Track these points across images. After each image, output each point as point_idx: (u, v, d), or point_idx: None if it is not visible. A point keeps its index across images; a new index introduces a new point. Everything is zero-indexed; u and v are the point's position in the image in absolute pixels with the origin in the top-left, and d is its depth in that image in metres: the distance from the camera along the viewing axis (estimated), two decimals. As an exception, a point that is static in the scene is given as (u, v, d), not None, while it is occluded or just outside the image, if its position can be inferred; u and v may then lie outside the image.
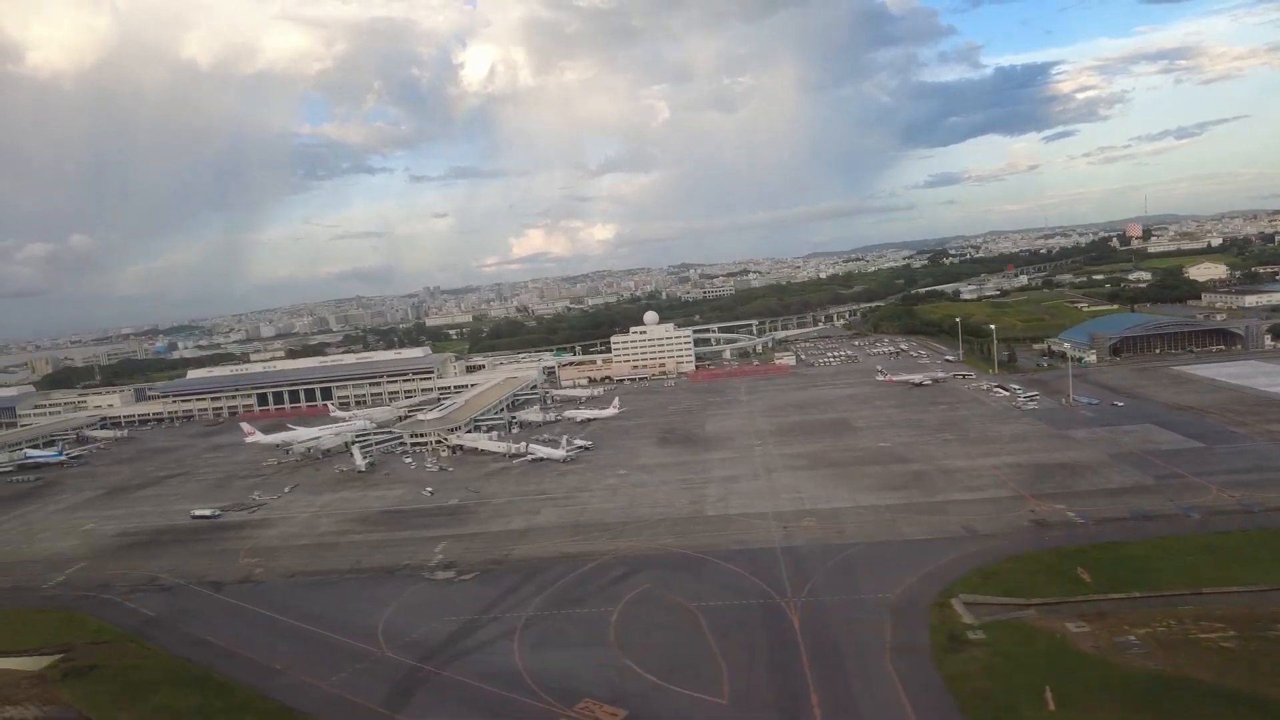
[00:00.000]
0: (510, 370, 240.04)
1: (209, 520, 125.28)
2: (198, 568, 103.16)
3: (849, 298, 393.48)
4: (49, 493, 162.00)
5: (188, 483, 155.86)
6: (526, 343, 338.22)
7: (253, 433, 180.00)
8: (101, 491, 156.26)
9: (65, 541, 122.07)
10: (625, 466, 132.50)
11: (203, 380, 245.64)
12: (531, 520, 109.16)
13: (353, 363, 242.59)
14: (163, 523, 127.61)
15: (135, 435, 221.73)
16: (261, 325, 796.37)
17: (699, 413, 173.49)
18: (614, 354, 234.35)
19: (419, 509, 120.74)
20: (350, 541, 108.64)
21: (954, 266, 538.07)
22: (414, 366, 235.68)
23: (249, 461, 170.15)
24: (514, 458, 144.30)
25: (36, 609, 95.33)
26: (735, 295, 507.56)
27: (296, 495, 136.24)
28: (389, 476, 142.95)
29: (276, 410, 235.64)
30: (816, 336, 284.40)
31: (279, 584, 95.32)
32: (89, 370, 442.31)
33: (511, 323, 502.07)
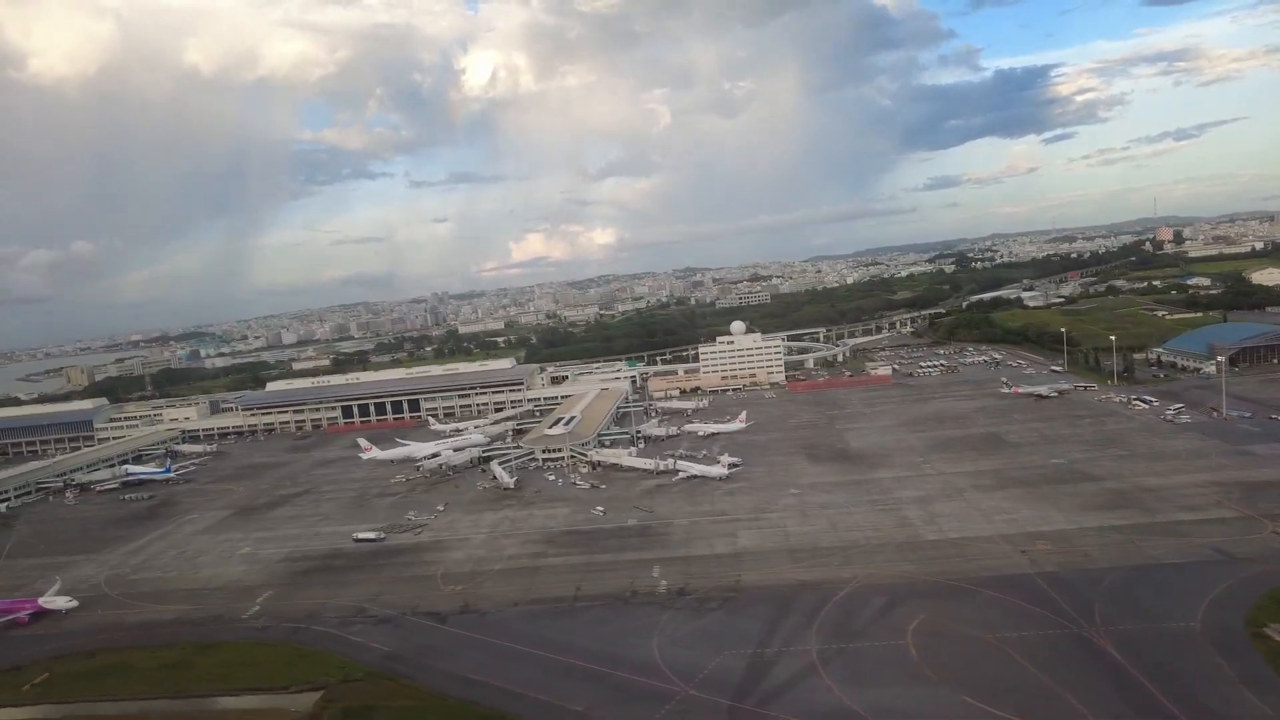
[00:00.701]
0: (595, 381, 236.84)
1: (373, 543, 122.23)
2: (402, 597, 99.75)
3: (900, 304, 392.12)
4: (170, 512, 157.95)
5: (321, 502, 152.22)
6: (584, 352, 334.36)
7: (369, 448, 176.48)
8: (231, 511, 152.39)
9: (232, 567, 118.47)
10: (793, 485, 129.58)
11: (284, 393, 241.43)
12: (735, 544, 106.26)
13: (439, 374, 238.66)
14: (325, 546, 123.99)
15: (223, 450, 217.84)
16: (283, 332, 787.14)
17: (826, 427, 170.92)
18: (702, 364, 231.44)
19: (600, 530, 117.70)
20: (551, 565, 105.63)
21: (987, 271, 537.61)
22: (502, 378, 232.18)
23: (373, 478, 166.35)
24: (662, 474, 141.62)
25: (255, 641, 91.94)
26: (776, 301, 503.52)
27: (453, 515, 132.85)
28: (541, 494, 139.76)
29: (362, 423, 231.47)
30: (890, 345, 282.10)
31: (507, 613, 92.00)
32: (135, 380, 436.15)
33: (552, 330, 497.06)
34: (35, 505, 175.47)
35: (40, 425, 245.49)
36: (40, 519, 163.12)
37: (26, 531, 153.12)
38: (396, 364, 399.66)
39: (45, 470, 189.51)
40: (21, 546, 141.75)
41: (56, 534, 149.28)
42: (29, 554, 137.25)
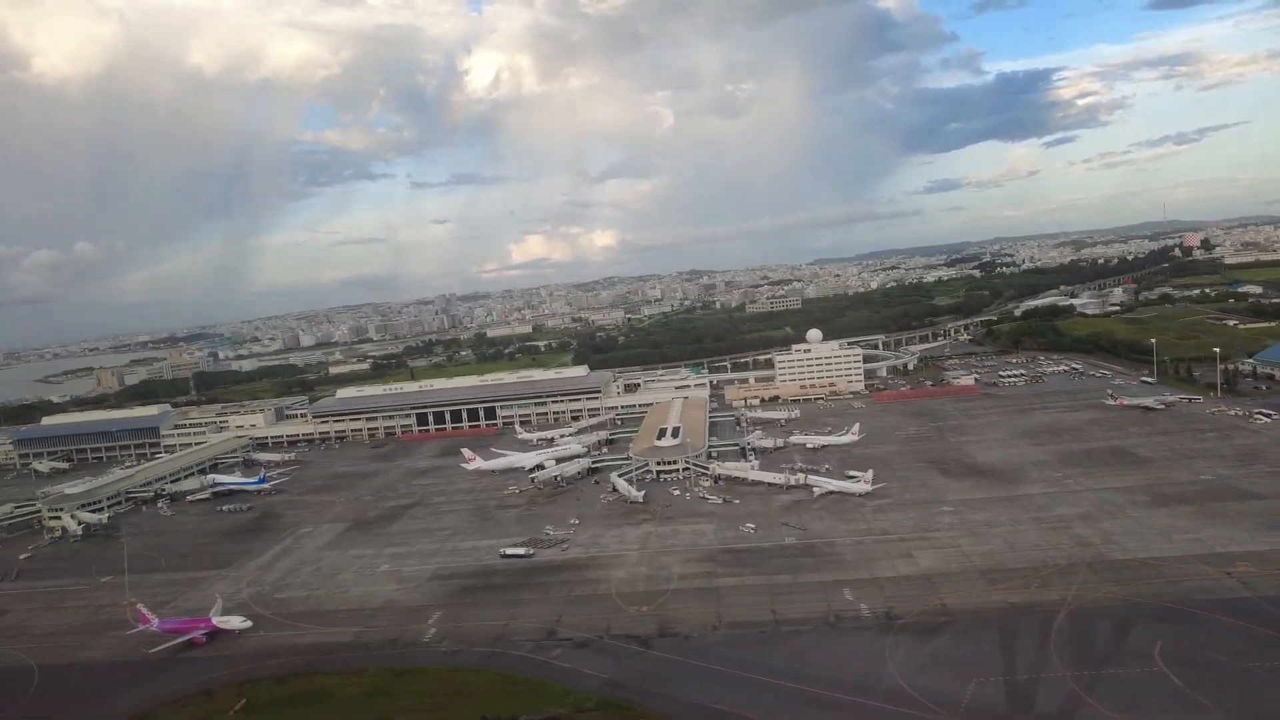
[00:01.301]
0: (668, 389, 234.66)
1: (523, 560, 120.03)
2: (587, 618, 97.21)
3: (944, 310, 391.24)
4: (277, 525, 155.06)
5: (439, 515, 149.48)
6: (635, 359, 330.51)
7: (473, 459, 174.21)
8: (346, 524, 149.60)
9: (381, 585, 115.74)
10: (941, 502, 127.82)
11: (356, 400, 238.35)
12: (916, 565, 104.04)
13: (512, 381, 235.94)
14: (470, 562, 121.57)
15: (302, 458, 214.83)
16: (300, 334, 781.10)
17: (939, 439, 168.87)
18: (779, 372, 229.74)
19: (760, 548, 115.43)
20: (729, 586, 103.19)
21: (1017, 277, 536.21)
22: (578, 386, 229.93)
23: (482, 489, 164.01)
24: (793, 489, 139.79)
25: (454, 667, 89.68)
26: (809, 307, 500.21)
27: (590, 529, 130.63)
28: (672, 509, 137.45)
29: (437, 430, 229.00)
30: (953, 353, 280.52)
31: (711, 637, 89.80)
32: (169, 384, 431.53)
33: (588, 335, 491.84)
34: (130, 515, 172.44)
35: (109, 431, 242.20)
36: (144, 530, 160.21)
37: (136, 545, 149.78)
38: (438, 369, 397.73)
39: (132, 479, 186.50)
40: (140, 560, 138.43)
41: (169, 547, 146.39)
42: (150, 568, 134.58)
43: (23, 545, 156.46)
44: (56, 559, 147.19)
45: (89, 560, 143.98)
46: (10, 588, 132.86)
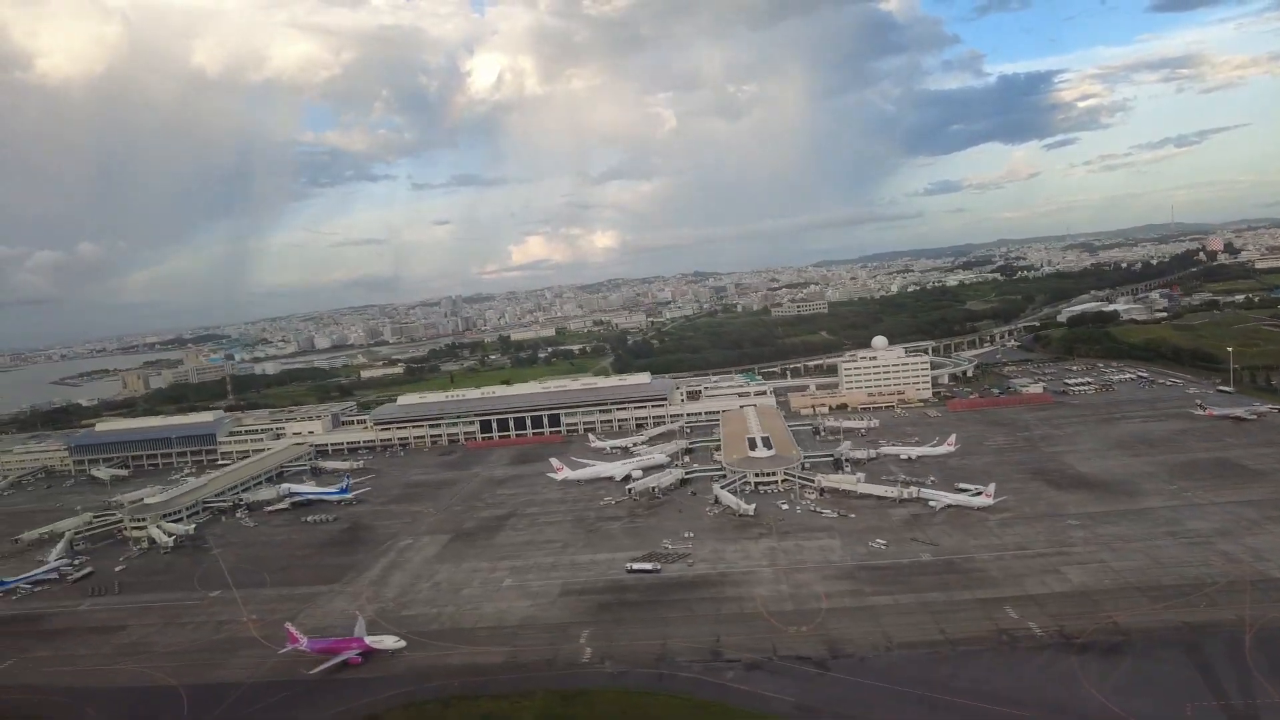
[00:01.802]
0: (729, 397, 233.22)
1: (651, 575, 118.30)
2: (748, 638, 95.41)
3: (980, 315, 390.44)
4: (372, 536, 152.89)
5: (540, 527, 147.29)
6: (677, 364, 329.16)
7: (561, 468, 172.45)
8: (447, 535, 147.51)
9: (512, 601, 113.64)
10: (1059, 515, 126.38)
11: (419, 406, 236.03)
12: (1068, 581, 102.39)
13: (578, 389, 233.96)
14: (596, 577, 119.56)
15: (369, 466, 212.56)
16: (315, 336, 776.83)
17: (1031, 450, 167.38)
18: (845, 379, 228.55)
19: (899, 564, 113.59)
20: (882, 605, 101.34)
21: (1040, 281, 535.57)
22: (643, 394, 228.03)
23: (573, 499, 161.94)
24: (905, 502, 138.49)
25: (623, 689, 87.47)
26: (837, 311, 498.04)
27: (708, 543, 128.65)
28: (786, 523, 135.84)
29: (501, 438, 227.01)
30: (1008, 359, 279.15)
31: (886, 658, 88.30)
32: (199, 388, 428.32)
33: (617, 338, 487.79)
34: (210, 526, 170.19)
35: (166, 438, 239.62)
36: (231, 542, 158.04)
37: (230, 557, 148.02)
38: (472, 373, 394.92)
39: (205, 489, 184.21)
40: (241, 574, 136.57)
41: (266, 560, 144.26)
42: (255, 582, 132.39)
43: (112, 556, 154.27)
44: (153, 571, 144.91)
45: (186, 573, 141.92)
46: (116, 602, 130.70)
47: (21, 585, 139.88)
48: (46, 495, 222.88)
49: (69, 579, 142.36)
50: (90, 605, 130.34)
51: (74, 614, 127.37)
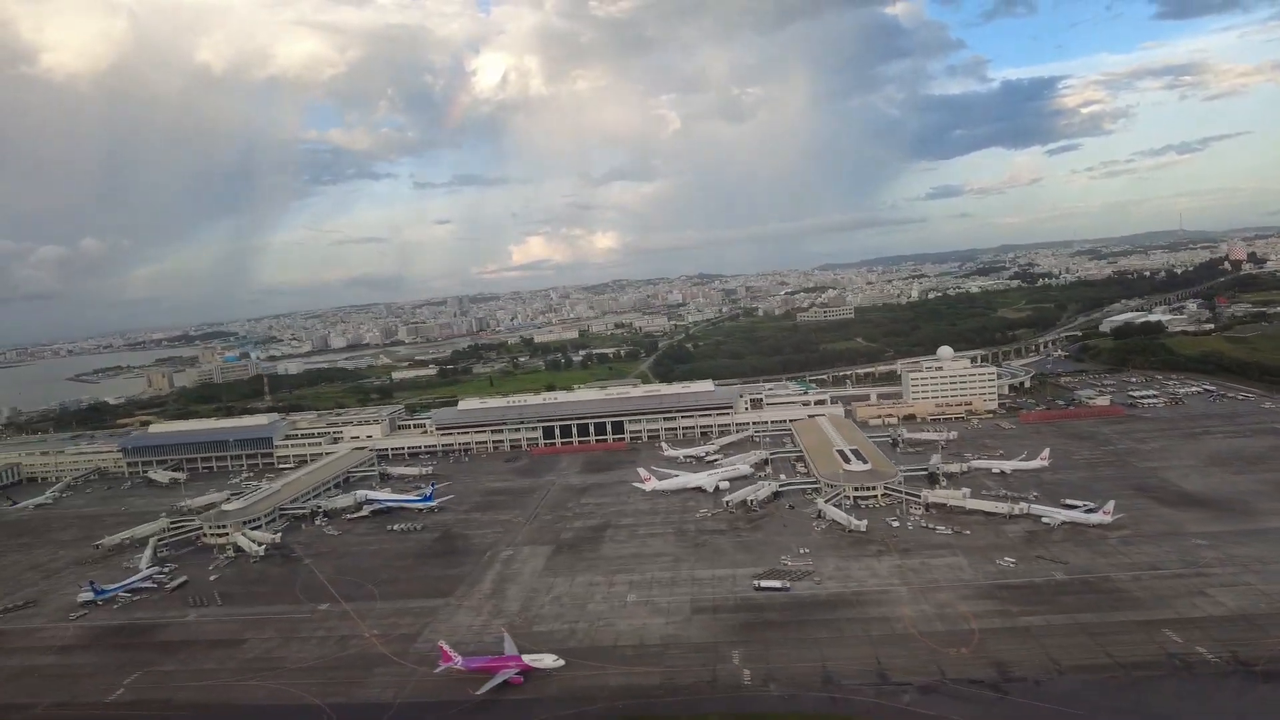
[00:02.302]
0: (791, 406, 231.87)
1: (781, 593, 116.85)
2: (908, 660, 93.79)
3: (1018, 324, 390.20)
4: (468, 546, 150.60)
5: (642, 539, 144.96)
6: (718, 370, 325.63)
7: (649, 478, 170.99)
8: (547, 547, 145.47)
9: (644, 618, 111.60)
10: (1181, 534, 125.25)
11: (480, 411, 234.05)
12: (1221, 605, 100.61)
13: (640, 395, 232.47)
14: (725, 594, 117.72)
15: (438, 473, 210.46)
16: (330, 336, 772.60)
17: (1122, 465, 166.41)
18: (912, 390, 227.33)
19: (1033, 583, 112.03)
20: (1036, 625, 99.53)
21: (1067, 289, 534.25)
22: (708, 402, 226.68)
23: (664, 510, 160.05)
24: (1016, 519, 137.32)
25: (798, 713, 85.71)
26: (865, 316, 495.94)
27: (828, 560, 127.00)
28: (900, 540, 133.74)
29: (564, 444, 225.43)
30: (1063, 371, 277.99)
31: (1063, 682, 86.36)
32: (230, 387, 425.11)
33: (645, 342, 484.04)
34: (293, 534, 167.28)
35: (223, 440, 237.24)
36: (321, 552, 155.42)
37: (326, 568, 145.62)
38: (508, 376, 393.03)
39: (279, 495, 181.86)
40: (344, 586, 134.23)
41: (365, 571, 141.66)
42: (361, 594, 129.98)
43: (199, 564, 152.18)
44: (248, 581, 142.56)
45: (284, 584, 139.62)
46: (223, 613, 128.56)
47: (120, 593, 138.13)
48: (107, 498, 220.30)
49: (166, 587, 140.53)
50: (198, 616, 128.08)
51: (184, 625, 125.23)
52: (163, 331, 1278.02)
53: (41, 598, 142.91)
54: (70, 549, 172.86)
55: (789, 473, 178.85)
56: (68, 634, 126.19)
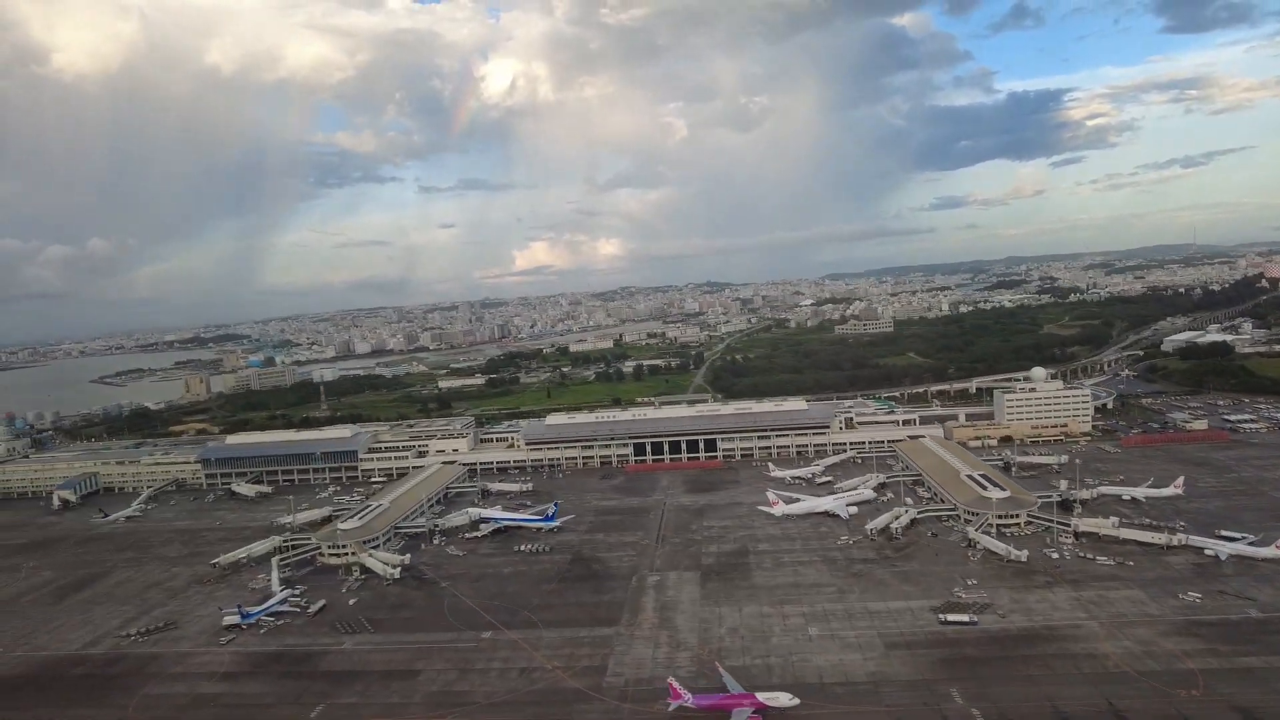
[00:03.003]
0: (886, 425, 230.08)
1: (970, 627, 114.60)
2: (1140, 701, 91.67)
3: (1070, 341, 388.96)
4: (608, 570, 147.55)
5: (790, 566, 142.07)
6: (778, 386, 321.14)
7: (776, 502, 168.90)
8: (693, 572, 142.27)
9: (839, 653, 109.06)
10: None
11: (569, 426, 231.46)
12: None
13: (732, 413, 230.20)
14: (910, 627, 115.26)
15: (537, 489, 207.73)
16: (356, 342, 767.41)
17: (1258, 494, 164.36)
18: (1007, 411, 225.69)
19: (1230, 621, 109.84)
20: (1256, 668, 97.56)
21: (1104, 306, 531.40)
22: (803, 421, 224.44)
23: (798, 535, 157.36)
24: (1173, 550, 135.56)
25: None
26: (905, 329, 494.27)
27: (999, 593, 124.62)
28: (1062, 570, 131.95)
29: (654, 461, 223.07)
30: (1139, 393, 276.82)
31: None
32: (277, 394, 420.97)
33: (686, 353, 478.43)
34: (416, 555, 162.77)
35: (309, 453, 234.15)
36: (453, 574, 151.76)
37: (467, 591, 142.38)
38: (561, 387, 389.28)
39: (386, 512, 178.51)
40: (499, 613, 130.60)
41: (510, 595, 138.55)
42: (520, 622, 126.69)
43: (329, 587, 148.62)
44: (391, 605, 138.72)
45: (429, 609, 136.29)
46: (379, 641, 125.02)
47: (263, 617, 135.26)
48: (195, 511, 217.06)
49: (308, 611, 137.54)
50: (353, 644, 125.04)
51: (344, 654, 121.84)
52: (174, 333, 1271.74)
53: (178, 618, 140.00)
54: (182, 565, 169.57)
55: (910, 497, 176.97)
56: (224, 659, 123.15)
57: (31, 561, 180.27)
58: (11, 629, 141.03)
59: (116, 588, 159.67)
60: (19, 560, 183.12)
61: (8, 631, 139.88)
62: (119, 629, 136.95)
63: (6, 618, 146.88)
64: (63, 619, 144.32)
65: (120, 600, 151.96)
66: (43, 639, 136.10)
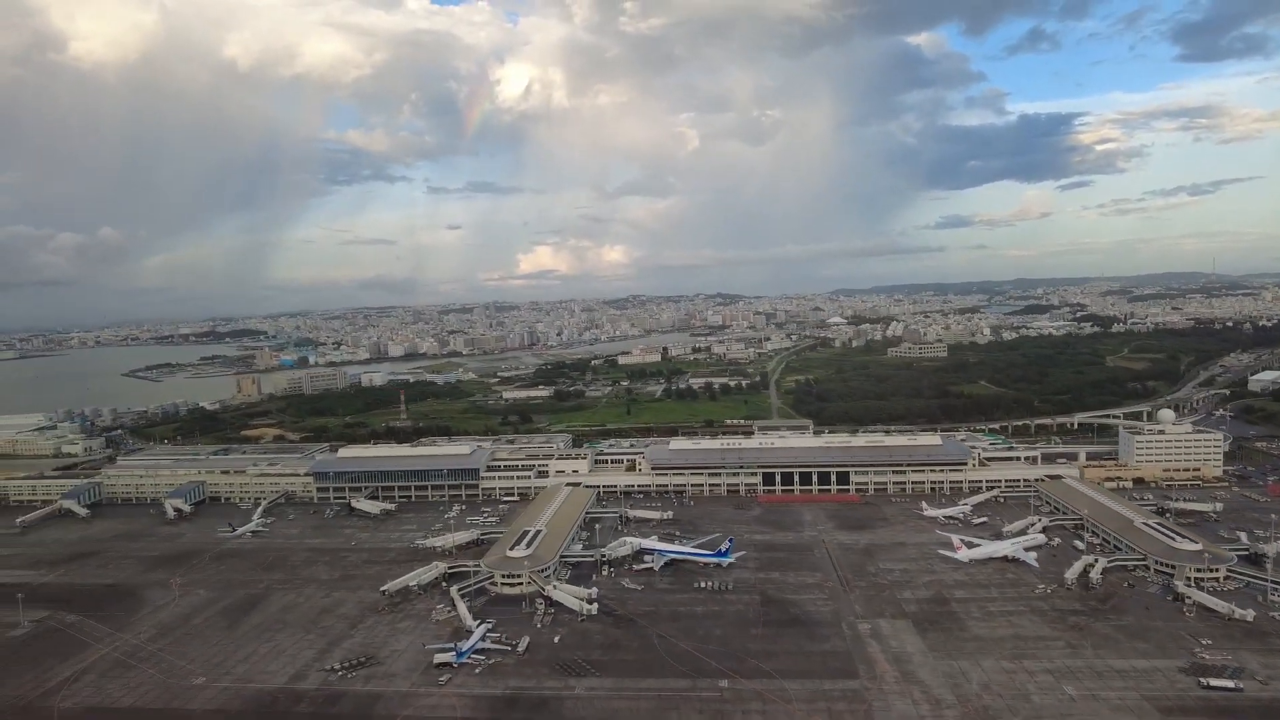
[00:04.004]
0: (1009, 460, 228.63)
1: (1235, 693, 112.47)
2: None
3: (1145, 375, 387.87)
4: (809, 616, 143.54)
5: (1000, 617, 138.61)
6: (867, 413, 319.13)
7: (961, 546, 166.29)
8: (902, 620, 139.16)
9: (1110, 715, 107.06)
10: None
11: (700, 453, 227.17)
12: None
13: (864, 445, 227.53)
14: (1161, 688, 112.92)
15: (677, 517, 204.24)
16: (390, 345, 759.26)
17: None
18: (1136, 453, 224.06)
19: None
20: None
21: (1154, 338, 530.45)
22: (940, 457, 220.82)
23: (990, 583, 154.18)
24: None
25: None
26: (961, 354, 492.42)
27: (1242, 658, 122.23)
28: None
29: (784, 491, 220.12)
30: (1254, 437, 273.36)
31: None
32: (342, 398, 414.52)
33: (737, 369, 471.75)
34: (587, 587, 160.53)
35: (435, 470, 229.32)
36: (642, 611, 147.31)
37: (672, 631, 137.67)
38: (632, 402, 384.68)
39: (550, 539, 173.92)
40: (721, 658, 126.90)
41: (719, 639, 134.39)
42: (751, 671, 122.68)
43: (517, 622, 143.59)
44: (598, 645, 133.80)
45: (643, 650, 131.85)
46: (611, 687, 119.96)
47: (474, 656, 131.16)
48: (321, 528, 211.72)
49: (516, 650, 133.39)
50: (587, 689, 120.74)
51: (582, 700, 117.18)
52: (186, 325, 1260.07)
53: (373, 652, 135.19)
54: (343, 590, 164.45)
55: (1078, 541, 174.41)
56: (454, 702, 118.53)
57: (176, 577, 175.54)
58: (200, 655, 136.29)
59: (286, 613, 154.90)
60: (161, 575, 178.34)
61: (197, 658, 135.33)
62: (316, 661, 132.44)
63: (188, 642, 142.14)
64: (250, 646, 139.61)
65: (298, 627, 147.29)
66: (241, 669, 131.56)
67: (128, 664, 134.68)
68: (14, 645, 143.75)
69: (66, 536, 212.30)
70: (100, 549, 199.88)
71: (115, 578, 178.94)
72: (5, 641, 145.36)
